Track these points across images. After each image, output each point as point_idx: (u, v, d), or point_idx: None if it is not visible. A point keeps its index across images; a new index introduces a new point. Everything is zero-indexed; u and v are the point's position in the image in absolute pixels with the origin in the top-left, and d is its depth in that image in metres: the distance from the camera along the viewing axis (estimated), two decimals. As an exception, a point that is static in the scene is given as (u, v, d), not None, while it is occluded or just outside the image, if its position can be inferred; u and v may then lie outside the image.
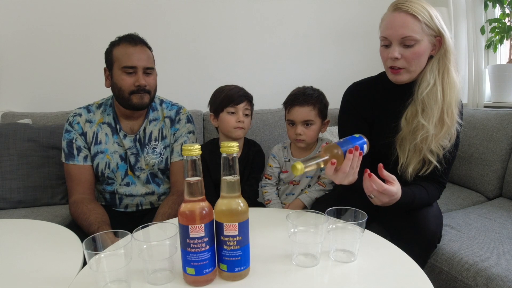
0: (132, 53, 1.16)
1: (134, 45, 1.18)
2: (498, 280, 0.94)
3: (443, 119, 1.00)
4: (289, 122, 1.25)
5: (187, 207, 0.63)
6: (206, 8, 2.04)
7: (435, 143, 1.02)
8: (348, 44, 2.31)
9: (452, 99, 1.00)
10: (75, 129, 1.25)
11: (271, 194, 1.30)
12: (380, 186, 0.88)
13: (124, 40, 1.19)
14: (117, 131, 1.27)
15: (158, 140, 1.29)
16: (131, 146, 1.27)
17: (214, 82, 1.40)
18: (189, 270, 0.64)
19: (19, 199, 1.46)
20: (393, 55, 0.99)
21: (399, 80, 1.04)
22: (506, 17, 1.95)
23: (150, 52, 1.24)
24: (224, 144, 0.63)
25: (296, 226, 0.74)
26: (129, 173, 1.29)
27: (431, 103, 1.00)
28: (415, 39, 0.96)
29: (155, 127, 1.30)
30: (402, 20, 0.97)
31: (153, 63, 1.24)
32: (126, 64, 1.16)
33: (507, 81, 1.91)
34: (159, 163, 1.29)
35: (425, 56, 1.01)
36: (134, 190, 1.29)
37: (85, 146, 1.26)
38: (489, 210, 1.39)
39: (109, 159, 1.26)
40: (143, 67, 1.18)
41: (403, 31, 0.96)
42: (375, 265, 0.74)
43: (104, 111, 1.28)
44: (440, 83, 1.00)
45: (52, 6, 1.82)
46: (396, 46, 0.99)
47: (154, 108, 1.32)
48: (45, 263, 0.79)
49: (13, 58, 1.82)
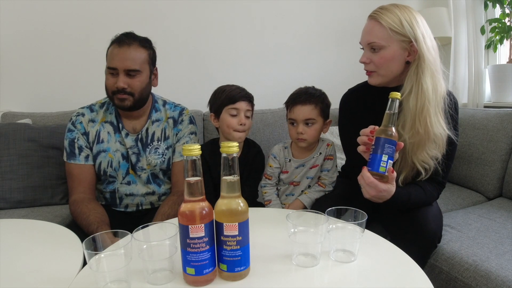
0: (116, 54, 1.16)
1: (119, 46, 1.17)
2: (498, 280, 0.94)
3: (415, 127, 1.00)
4: (290, 122, 1.25)
5: (187, 207, 0.63)
6: (206, 8, 2.04)
7: (421, 151, 1.01)
8: (348, 44, 2.30)
9: (423, 106, 0.99)
10: (78, 129, 1.26)
11: (271, 194, 1.30)
12: (367, 179, 0.89)
13: (115, 41, 1.19)
14: (119, 130, 1.27)
15: (161, 141, 1.30)
16: (132, 145, 1.27)
17: (214, 82, 1.40)
18: (189, 270, 0.64)
19: (19, 199, 1.46)
20: (361, 59, 1.08)
21: (372, 82, 1.09)
22: (506, 17, 1.95)
23: (141, 53, 1.19)
24: (224, 144, 0.63)
25: (296, 226, 0.74)
26: (130, 172, 1.29)
27: (405, 110, 1.01)
28: (380, 45, 1.01)
29: (157, 128, 1.30)
30: (369, 27, 1.04)
31: (143, 65, 1.20)
32: (109, 64, 1.18)
33: (507, 81, 1.92)
34: (161, 164, 1.30)
35: (395, 61, 1.03)
36: (135, 189, 1.30)
37: (86, 146, 1.26)
38: (489, 210, 1.39)
39: (111, 157, 1.26)
40: (124, 68, 1.15)
41: (368, 38, 1.04)
42: (375, 265, 0.74)
43: (106, 110, 1.29)
44: (416, 90, 1.00)
45: (52, 6, 1.82)
46: (366, 51, 1.07)
47: (157, 109, 1.33)
48: (45, 263, 0.79)
49: (13, 58, 1.82)
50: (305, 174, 1.28)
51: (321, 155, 1.27)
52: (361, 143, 0.94)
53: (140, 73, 1.19)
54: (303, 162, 1.28)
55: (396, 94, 0.87)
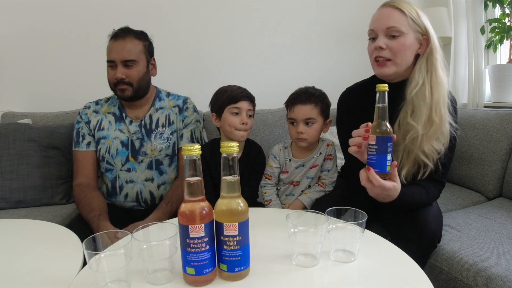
0: (113, 47, 1.25)
1: (115, 40, 1.26)
2: (498, 280, 0.94)
3: (432, 118, 1.01)
4: (290, 121, 1.25)
5: (187, 207, 0.63)
6: (206, 8, 2.04)
7: (427, 144, 1.01)
8: (348, 44, 2.31)
9: (440, 97, 1.01)
10: (82, 119, 1.37)
11: (271, 194, 1.30)
12: (377, 181, 0.87)
13: (112, 36, 1.28)
14: (123, 119, 1.36)
15: (165, 126, 1.37)
16: (136, 131, 1.35)
17: (214, 82, 1.40)
18: (189, 270, 0.64)
19: (19, 199, 1.46)
20: (378, 44, 1.02)
21: (384, 73, 1.04)
22: (506, 17, 1.95)
23: (136, 44, 1.26)
24: (224, 144, 0.63)
25: (296, 226, 0.74)
26: (130, 159, 1.34)
27: (419, 103, 1.01)
28: (400, 31, 1.00)
29: (161, 114, 1.38)
30: (388, 13, 1.02)
31: (139, 55, 1.27)
32: (108, 58, 1.27)
33: (507, 81, 1.91)
34: (166, 148, 1.36)
35: (411, 51, 1.02)
36: (134, 176, 1.34)
37: (89, 133, 1.36)
38: (489, 210, 1.39)
39: (110, 144, 1.34)
40: (121, 60, 1.24)
41: (388, 22, 1.01)
42: (375, 265, 0.74)
43: (111, 103, 1.40)
44: (429, 82, 1.01)
45: (52, 6, 1.82)
46: (381, 37, 1.02)
47: (160, 98, 1.41)
48: (45, 263, 0.79)
49: (13, 58, 1.82)
50: (305, 174, 1.28)
51: (321, 155, 1.27)
52: (354, 144, 0.92)
53: (137, 63, 1.27)
54: (303, 162, 1.28)
55: (384, 86, 0.84)
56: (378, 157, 0.86)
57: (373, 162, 0.87)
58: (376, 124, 0.86)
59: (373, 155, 0.86)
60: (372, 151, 0.86)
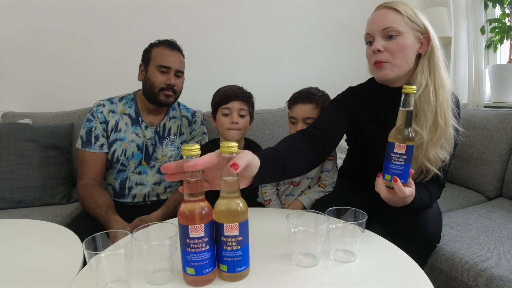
0: (169, 55, 1.32)
1: (171, 49, 1.34)
2: (498, 280, 0.94)
3: (437, 122, 0.96)
4: (291, 120, 1.25)
5: (187, 207, 0.63)
6: (206, 8, 2.04)
7: (432, 150, 0.98)
8: (348, 44, 2.31)
9: (444, 99, 0.97)
10: (97, 118, 1.34)
11: (271, 194, 1.30)
12: (403, 193, 0.82)
13: (164, 44, 1.35)
14: (139, 123, 1.39)
15: (177, 135, 1.45)
16: (151, 137, 1.40)
17: (214, 82, 1.40)
18: (189, 270, 0.64)
19: (19, 199, 1.46)
20: (376, 47, 0.99)
21: (383, 75, 1.01)
22: (506, 17, 1.95)
23: (183, 58, 1.38)
24: (224, 144, 0.63)
25: (296, 226, 0.74)
26: (143, 163, 1.38)
27: (424, 106, 0.97)
28: (397, 30, 0.96)
29: (174, 124, 1.45)
30: (383, 14, 0.99)
31: (184, 68, 1.38)
32: (161, 63, 1.30)
33: (507, 81, 1.92)
34: (176, 155, 1.43)
35: (411, 51, 0.98)
36: (145, 179, 1.38)
37: (103, 135, 1.35)
38: (489, 210, 1.39)
39: (126, 146, 1.36)
40: (176, 69, 1.33)
41: (383, 23, 0.98)
42: (375, 265, 0.74)
43: (125, 104, 1.40)
44: (432, 83, 0.97)
45: (52, 6, 1.82)
46: (379, 40, 0.99)
47: (173, 107, 1.48)
48: (45, 263, 0.79)
49: (13, 58, 1.82)
50: (305, 175, 1.28)
51: (321, 155, 1.27)
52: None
53: (183, 75, 1.39)
54: (303, 162, 1.27)
55: (412, 87, 0.78)
56: (405, 167, 0.79)
57: (400, 173, 0.80)
58: (405, 131, 0.79)
59: (400, 165, 0.79)
60: (400, 161, 0.79)
